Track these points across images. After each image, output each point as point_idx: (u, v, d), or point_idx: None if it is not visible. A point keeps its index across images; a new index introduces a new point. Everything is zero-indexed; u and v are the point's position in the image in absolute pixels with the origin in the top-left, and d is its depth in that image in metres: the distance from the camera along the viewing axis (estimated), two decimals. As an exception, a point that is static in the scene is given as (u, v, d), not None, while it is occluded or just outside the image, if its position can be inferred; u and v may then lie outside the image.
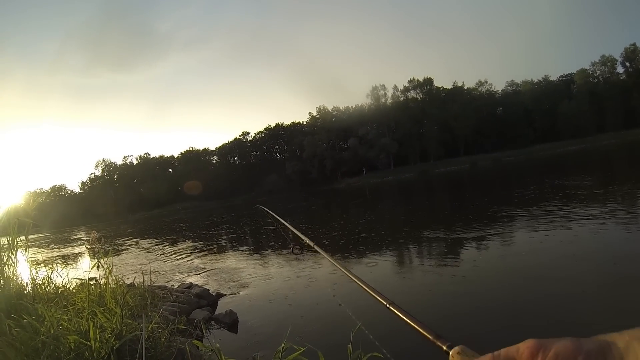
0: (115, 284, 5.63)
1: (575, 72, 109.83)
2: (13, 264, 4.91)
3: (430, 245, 12.25)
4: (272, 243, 16.43)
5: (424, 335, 0.84)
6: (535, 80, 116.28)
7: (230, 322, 6.91)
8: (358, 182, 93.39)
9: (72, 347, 2.97)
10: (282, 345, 3.16)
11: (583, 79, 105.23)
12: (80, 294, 4.95)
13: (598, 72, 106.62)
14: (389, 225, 17.62)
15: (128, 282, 10.87)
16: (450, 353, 0.71)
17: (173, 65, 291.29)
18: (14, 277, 4.85)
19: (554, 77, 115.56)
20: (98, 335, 3.06)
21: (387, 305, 1.08)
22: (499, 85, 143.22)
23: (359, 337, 3.02)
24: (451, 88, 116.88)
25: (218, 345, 3.15)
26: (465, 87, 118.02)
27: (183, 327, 4.96)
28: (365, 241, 14.00)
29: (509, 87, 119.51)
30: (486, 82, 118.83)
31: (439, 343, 0.77)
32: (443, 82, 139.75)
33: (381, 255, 11.43)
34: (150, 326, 3.87)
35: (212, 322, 7.04)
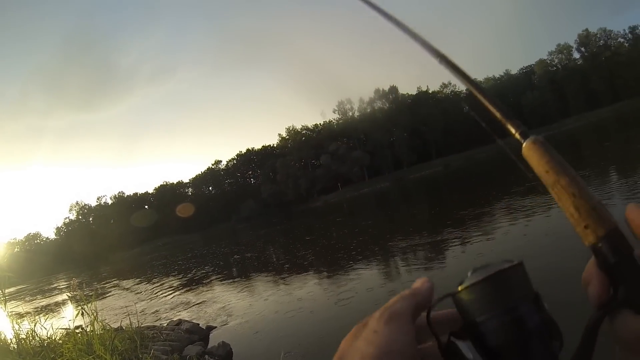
0: (102, 329, 5.52)
1: (534, 63, 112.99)
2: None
3: (413, 251, 12.29)
4: (254, 271, 16.38)
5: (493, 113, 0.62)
6: (497, 75, 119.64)
7: (224, 354, 6.80)
8: (334, 199, 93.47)
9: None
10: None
11: (542, 68, 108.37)
12: (67, 344, 4.83)
13: (556, 61, 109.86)
14: (368, 237, 17.62)
15: (115, 325, 10.68)
16: (525, 144, 0.56)
17: (139, 99, 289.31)
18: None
19: (514, 71, 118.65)
20: (90, 387, 2.98)
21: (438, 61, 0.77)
22: (462, 85, 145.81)
23: None
24: (416, 93, 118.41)
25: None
26: (430, 91, 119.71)
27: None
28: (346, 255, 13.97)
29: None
30: (450, 83, 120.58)
31: (509, 126, 0.59)
32: (407, 88, 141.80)
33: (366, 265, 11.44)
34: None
35: (206, 357, 6.92)
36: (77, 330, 6.14)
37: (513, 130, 0.59)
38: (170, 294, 16.05)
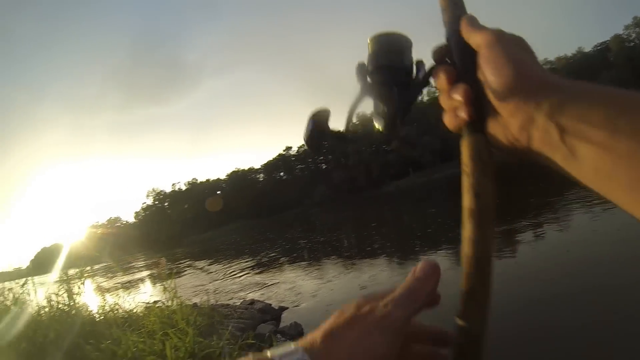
0: (180, 305, 5.73)
1: (609, 39, 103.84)
2: (83, 293, 5.08)
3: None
4: (325, 255, 16.43)
5: None
6: (570, 54, 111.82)
7: (296, 334, 6.91)
8: (406, 184, 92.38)
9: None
10: None
11: (618, 44, 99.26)
12: (149, 317, 5.05)
13: (633, 35, 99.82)
14: (438, 225, 17.35)
15: (192, 302, 11.10)
16: None
17: (207, 91, 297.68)
18: (85, 306, 5.02)
19: (588, 49, 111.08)
20: (173, 355, 3.11)
21: None
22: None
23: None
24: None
25: None
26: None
27: (252, 341, 4.98)
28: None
29: (544, 66, 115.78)
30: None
31: None
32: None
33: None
34: (222, 343, 3.92)
35: (278, 335, 7.04)
36: (157, 305, 6.41)
37: None
38: (242, 275, 16.38)
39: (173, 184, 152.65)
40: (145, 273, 31.67)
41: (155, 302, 7.19)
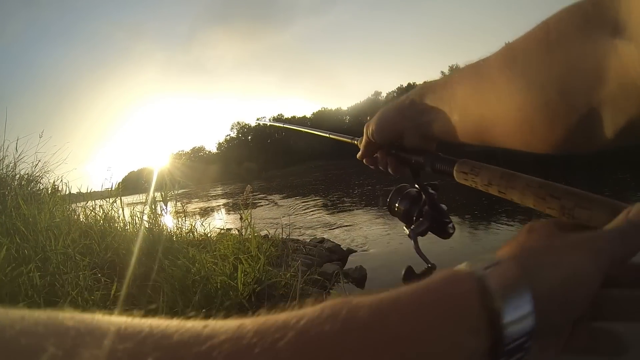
0: (253, 234, 5.96)
1: None
2: (165, 214, 5.43)
3: None
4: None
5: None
6: None
7: (359, 277, 7.04)
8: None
9: (220, 286, 3.24)
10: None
11: None
12: (223, 241, 5.32)
13: None
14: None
15: (263, 234, 11.48)
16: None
17: (299, 30, 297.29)
18: (165, 226, 5.37)
19: None
20: (243, 278, 3.31)
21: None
22: None
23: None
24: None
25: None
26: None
27: (317, 277, 5.16)
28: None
29: None
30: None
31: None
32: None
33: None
34: (289, 274, 4.10)
35: (341, 276, 7.19)
36: (231, 232, 6.71)
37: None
38: (316, 212, 16.67)
39: (258, 119, 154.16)
40: (222, 201, 32.71)
41: (229, 229, 7.51)
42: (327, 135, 1.34)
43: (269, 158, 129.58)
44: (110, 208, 5.97)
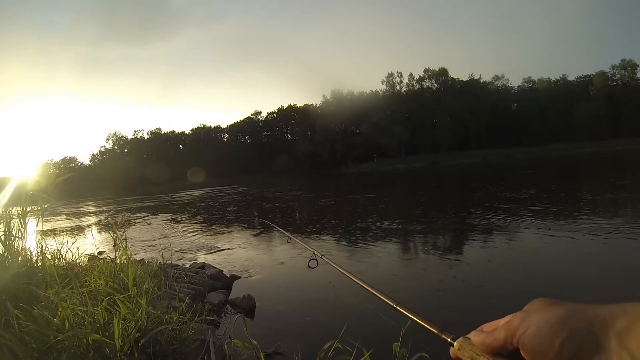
0: (128, 261, 5.27)
1: (594, 74, 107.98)
2: (22, 237, 4.51)
3: (436, 238, 12.06)
4: (280, 224, 16.04)
5: (430, 330, 0.90)
6: (553, 78, 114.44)
7: (248, 307, 6.52)
8: (368, 168, 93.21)
9: (91, 343, 2.56)
10: (328, 345, 2.79)
11: (602, 81, 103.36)
12: (93, 272, 4.57)
13: (617, 76, 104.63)
14: (391, 213, 17.22)
15: (138, 257, 10.57)
16: (454, 344, 0.75)
17: (187, 41, 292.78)
18: (23, 251, 4.44)
19: (572, 77, 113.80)
20: (120, 330, 2.66)
21: (394, 306, 1.17)
22: (515, 80, 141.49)
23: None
24: (467, 80, 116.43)
25: (255, 341, 2.76)
26: (482, 80, 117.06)
27: (210, 318, 4.57)
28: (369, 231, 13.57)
29: (525, 84, 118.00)
30: (503, 76, 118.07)
31: (443, 336, 0.82)
32: (458, 73, 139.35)
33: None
34: (176, 316, 3.48)
35: (228, 307, 6.64)
36: (101, 257, 5.92)
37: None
38: (194, 234, 16.02)
39: (135, 131, 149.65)
40: (94, 219, 30.93)
41: (100, 253, 6.69)
42: (413, 317, 1.06)
43: (146, 174, 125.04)
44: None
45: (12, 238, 4.24)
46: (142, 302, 3.04)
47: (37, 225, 4.83)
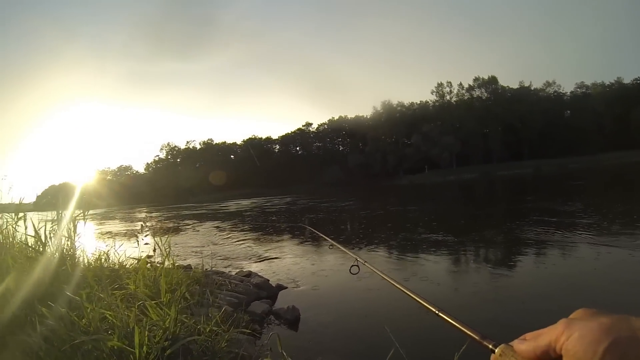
0: (171, 266, 5.19)
1: None
2: (72, 238, 4.51)
3: (482, 250, 11.66)
4: (331, 235, 15.79)
5: (472, 336, 0.89)
6: (607, 82, 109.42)
7: (292, 319, 6.30)
8: (420, 180, 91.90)
9: (114, 351, 2.43)
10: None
11: None
12: (137, 275, 4.49)
13: None
14: (445, 226, 16.76)
15: (185, 263, 10.58)
16: (496, 351, 0.74)
17: (236, 54, 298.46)
18: (66, 252, 4.42)
19: (627, 80, 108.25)
20: (146, 339, 2.51)
21: (437, 312, 1.16)
22: (567, 86, 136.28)
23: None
24: (517, 88, 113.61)
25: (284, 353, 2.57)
26: (532, 88, 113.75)
27: (243, 328, 4.41)
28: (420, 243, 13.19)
29: (578, 89, 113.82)
30: (554, 82, 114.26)
31: (485, 343, 0.81)
32: (508, 81, 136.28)
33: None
34: (209, 327, 3.32)
35: (272, 317, 6.47)
36: (148, 261, 5.88)
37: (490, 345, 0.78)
38: (243, 242, 15.93)
39: (187, 142, 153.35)
40: (150, 224, 31.59)
41: (148, 256, 6.66)
42: (455, 323, 1.06)
43: (197, 182, 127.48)
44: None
45: (47, 239, 4.23)
46: (171, 310, 2.90)
47: (84, 227, 4.85)
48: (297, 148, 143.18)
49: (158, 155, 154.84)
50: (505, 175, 72.79)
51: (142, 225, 19.57)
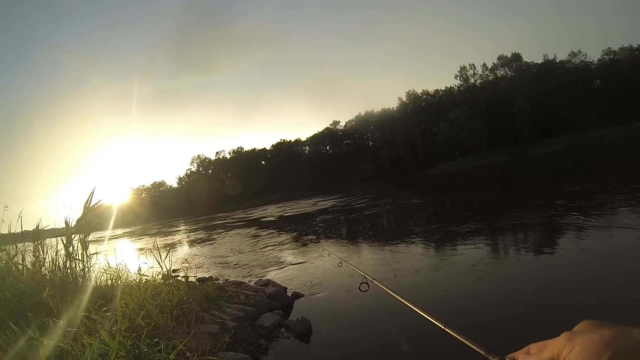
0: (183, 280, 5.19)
1: None
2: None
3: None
4: (365, 236, 15.61)
5: (477, 351, 0.92)
6: (636, 45, 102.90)
7: (302, 331, 6.12)
8: (452, 168, 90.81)
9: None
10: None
11: None
12: (127, 296, 4.49)
13: None
14: (484, 212, 16.37)
15: (207, 274, 10.74)
16: None
17: (256, 61, 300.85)
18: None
19: None
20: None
21: (443, 328, 1.22)
22: (594, 54, 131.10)
23: None
24: (542, 62, 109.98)
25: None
26: (558, 60, 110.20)
27: (249, 345, 4.34)
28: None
29: (605, 56, 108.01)
30: (580, 52, 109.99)
31: (490, 357, 0.84)
32: (532, 56, 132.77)
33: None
34: (173, 353, 3.26)
35: (282, 330, 6.32)
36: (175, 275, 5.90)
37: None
38: (271, 247, 16.02)
39: (217, 152, 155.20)
40: (177, 237, 31.99)
41: (174, 271, 6.75)
42: (461, 339, 1.12)
43: (230, 192, 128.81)
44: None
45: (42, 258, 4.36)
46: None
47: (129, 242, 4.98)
48: (327, 147, 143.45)
49: (190, 169, 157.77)
50: (538, 155, 70.82)
51: (155, 243, 19.88)
